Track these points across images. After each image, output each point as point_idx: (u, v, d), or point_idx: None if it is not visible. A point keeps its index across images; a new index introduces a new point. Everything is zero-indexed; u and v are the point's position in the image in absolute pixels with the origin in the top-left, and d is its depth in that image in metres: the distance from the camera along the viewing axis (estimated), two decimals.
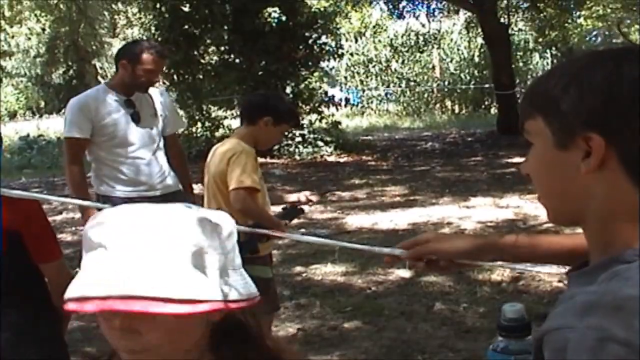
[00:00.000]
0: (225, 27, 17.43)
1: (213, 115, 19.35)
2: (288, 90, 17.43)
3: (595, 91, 1.22)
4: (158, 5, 18.11)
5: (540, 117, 1.30)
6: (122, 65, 4.95)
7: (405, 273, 6.99)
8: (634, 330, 1.06)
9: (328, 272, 7.20)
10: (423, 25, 32.82)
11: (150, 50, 4.98)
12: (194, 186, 5.65)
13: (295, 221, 9.71)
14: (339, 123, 18.69)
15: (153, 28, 19.18)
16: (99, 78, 34.60)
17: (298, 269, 7.37)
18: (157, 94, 5.30)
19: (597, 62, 1.26)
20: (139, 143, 5.06)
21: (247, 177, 4.28)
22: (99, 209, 4.71)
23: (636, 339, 1.06)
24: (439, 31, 32.44)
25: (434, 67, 32.77)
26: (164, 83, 32.51)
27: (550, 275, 6.62)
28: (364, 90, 32.83)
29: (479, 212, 9.64)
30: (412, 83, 31.76)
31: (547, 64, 29.67)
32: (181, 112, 19.79)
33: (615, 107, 1.22)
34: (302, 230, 9.26)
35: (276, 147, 17.11)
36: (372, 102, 32.52)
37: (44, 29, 36.61)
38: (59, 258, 3.05)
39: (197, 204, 5.28)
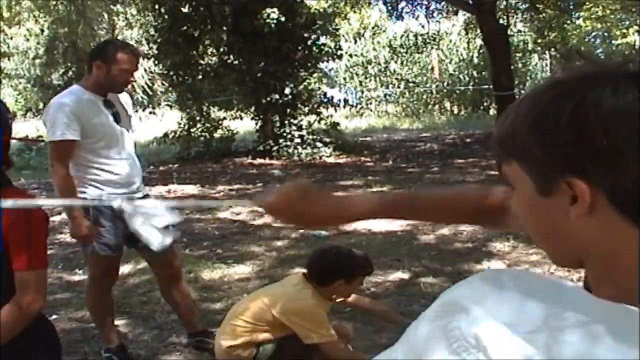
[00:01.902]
0: (225, 28, 17.43)
1: (212, 116, 19.36)
2: (287, 91, 17.45)
3: (565, 131, 1.11)
4: (157, 7, 18.15)
5: (516, 163, 1.21)
6: (97, 66, 4.84)
7: (404, 274, 6.99)
8: None
9: None
10: (422, 26, 32.86)
11: (125, 50, 4.92)
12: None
13: None
14: (338, 124, 18.70)
15: (152, 29, 19.21)
16: None
17: (297, 269, 7.34)
18: (123, 94, 5.22)
19: (561, 95, 1.14)
20: (124, 143, 5.04)
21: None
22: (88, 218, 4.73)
23: None
24: (437, 32, 32.46)
25: (432, 68, 32.83)
26: (162, 84, 32.66)
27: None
28: (362, 92, 32.85)
29: None
30: (411, 84, 31.82)
31: (546, 65, 29.73)
32: (181, 113, 19.87)
33: (590, 146, 1.11)
34: (301, 231, 9.27)
35: (275, 147, 17.12)
36: (371, 103, 32.56)
37: (42, 30, 36.56)
38: (25, 269, 2.88)
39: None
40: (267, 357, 4.64)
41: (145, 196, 5.23)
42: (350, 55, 32.02)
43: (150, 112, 25.48)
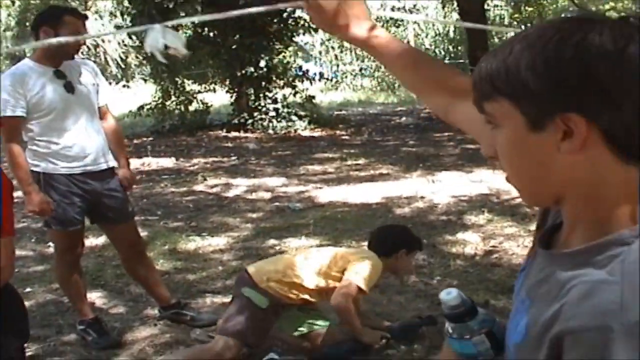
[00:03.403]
0: (199, 0, 17.29)
1: (187, 89, 19.26)
2: (262, 64, 17.36)
3: (568, 68, 1.16)
4: None
5: (505, 100, 1.23)
6: (44, 32, 4.63)
7: None
8: None
9: (302, 245, 7.18)
10: (399, 0, 32.76)
11: (72, 13, 4.79)
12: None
13: (268, 194, 9.75)
14: (313, 97, 18.66)
15: (126, 1, 19.02)
16: None
17: (272, 242, 7.35)
18: (83, 63, 5.10)
19: (563, 34, 1.18)
20: (77, 115, 4.88)
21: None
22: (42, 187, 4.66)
23: None
24: (414, 6, 32.40)
25: (409, 42, 32.75)
26: (136, 57, 32.44)
27: (525, 248, 6.66)
28: (338, 65, 32.78)
29: (451, 187, 9.65)
30: None
31: None
32: (155, 87, 19.75)
33: (592, 83, 1.16)
34: (276, 204, 9.26)
35: (250, 121, 17.06)
36: (346, 77, 32.50)
37: (13, 2, 36.18)
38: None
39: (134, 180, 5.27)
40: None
41: (111, 169, 5.11)
42: None
43: (124, 86, 25.27)
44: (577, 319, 1.13)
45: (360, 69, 32.84)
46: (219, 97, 20.38)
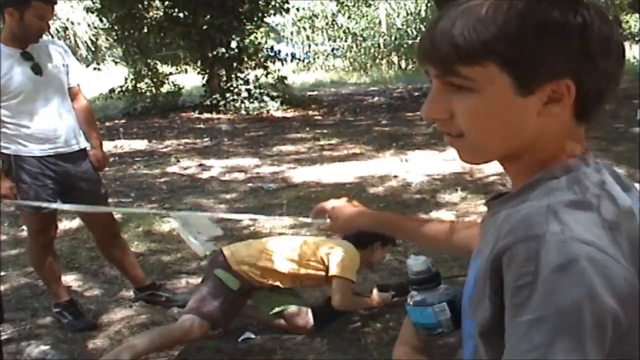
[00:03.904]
0: None
1: (159, 70, 19.16)
2: (233, 44, 17.31)
3: (569, 36, 1.21)
4: None
5: (494, 65, 1.24)
6: (10, 14, 4.59)
7: None
8: (591, 231, 1.17)
9: (276, 225, 7.19)
10: None
11: None
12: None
13: (242, 175, 9.73)
14: (285, 78, 18.62)
15: None
16: None
17: (246, 222, 7.35)
18: (52, 43, 5.04)
19: (559, 4, 1.22)
20: (47, 96, 4.83)
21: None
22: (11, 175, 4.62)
23: (594, 237, 1.17)
24: None
25: (380, 22, 32.73)
26: (107, 39, 32.20)
27: None
28: (310, 46, 32.70)
29: (425, 166, 9.68)
30: (358, 38, 31.69)
31: None
32: (127, 69, 19.62)
33: (589, 51, 1.23)
34: (250, 184, 9.26)
35: (222, 101, 17.01)
36: (318, 57, 32.43)
37: None
38: None
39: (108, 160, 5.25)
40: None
41: (83, 150, 5.08)
42: (297, 9, 31.82)
43: (94, 69, 25.06)
44: (510, 235, 1.21)
45: (332, 50, 32.78)
46: (190, 79, 20.29)
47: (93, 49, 37.01)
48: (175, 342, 4.34)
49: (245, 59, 18.00)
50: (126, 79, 18.93)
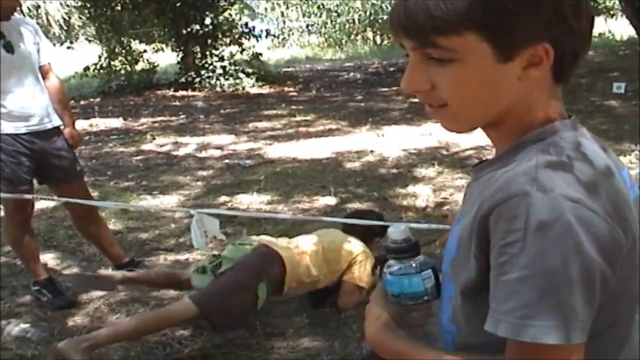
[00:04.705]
0: None
1: (133, 48, 19.04)
2: (207, 21, 17.21)
3: (543, 0, 1.25)
4: None
5: (473, 34, 1.26)
6: None
7: (330, 200, 7.04)
8: (577, 190, 1.21)
9: (253, 201, 7.20)
10: None
11: None
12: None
13: (218, 152, 9.72)
14: (260, 54, 18.56)
15: None
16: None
17: (223, 198, 7.36)
18: (23, 22, 4.99)
19: None
20: (19, 75, 4.79)
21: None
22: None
23: (580, 195, 1.20)
24: None
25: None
26: (80, 18, 31.90)
27: None
28: (285, 22, 32.59)
29: (401, 140, 9.70)
30: (333, 14, 31.61)
31: None
32: (100, 47, 19.49)
33: (563, 13, 1.26)
34: (226, 161, 9.25)
35: (197, 79, 16.95)
36: (293, 34, 32.34)
37: None
38: None
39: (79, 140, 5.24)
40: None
41: (57, 128, 5.06)
42: None
43: (68, 47, 24.86)
44: (498, 194, 1.24)
45: (307, 26, 32.70)
46: (165, 56, 20.19)
47: (66, 27, 36.67)
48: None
49: (220, 35, 17.92)
50: (100, 57, 18.80)
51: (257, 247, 4.46)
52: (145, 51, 19.34)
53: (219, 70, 17.27)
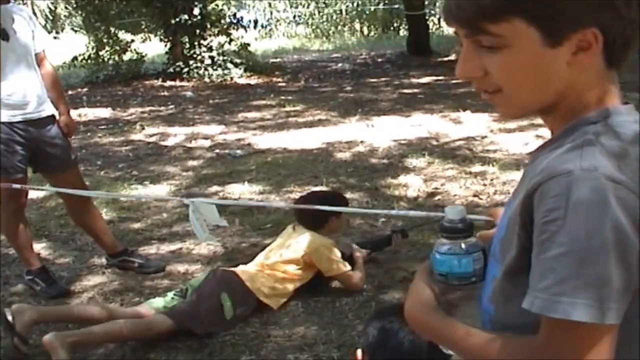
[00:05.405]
0: None
1: (121, 38, 18.94)
2: (196, 11, 17.14)
3: None
4: None
5: (520, 19, 1.29)
6: None
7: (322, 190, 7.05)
8: (624, 173, 1.22)
9: (245, 191, 7.20)
10: None
11: None
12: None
13: (207, 142, 9.70)
14: (249, 45, 18.50)
15: None
16: None
17: (215, 188, 7.36)
18: (18, 9, 5.00)
19: None
20: (14, 63, 4.80)
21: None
22: None
23: (625, 177, 1.22)
24: None
25: None
26: (66, 8, 31.77)
27: (466, 189, 6.77)
28: (272, 13, 32.52)
29: (391, 131, 9.70)
30: (320, 4, 31.55)
31: None
32: (88, 37, 19.38)
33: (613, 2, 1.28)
34: (216, 151, 9.23)
35: (185, 69, 16.89)
36: (280, 24, 32.27)
37: None
38: None
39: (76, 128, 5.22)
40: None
41: (51, 116, 5.06)
42: None
43: (54, 37, 24.72)
44: (543, 173, 1.25)
45: (294, 16, 32.63)
46: (153, 46, 20.11)
47: (51, 17, 36.51)
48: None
49: (208, 26, 17.84)
50: (87, 47, 18.70)
51: (214, 271, 4.71)
52: (133, 41, 19.23)
53: (208, 61, 17.18)
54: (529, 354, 1.27)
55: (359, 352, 2.29)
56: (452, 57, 18.04)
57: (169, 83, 16.49)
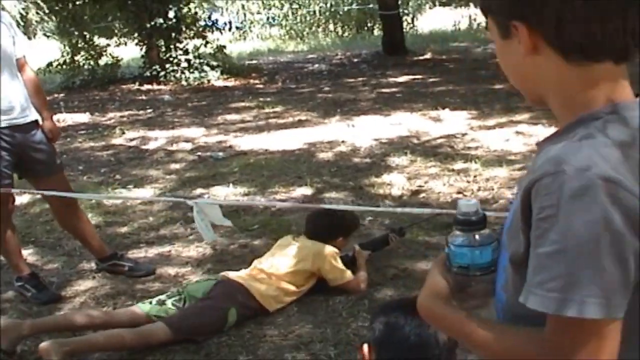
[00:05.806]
0: None
1: (96, 43, 18.85)
2: (171, 14, 17.10)
3: None
4: None
5: (490, 15, 1.42)
6: None
7: (307, 190, 7.07)
8: (619, 171, 1.23)
9: (230, 192, 7.21)
10: None
11: None
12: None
13: (188, 145, 9.69)
14: (224, 47, 18.48)
15: None
16: None
17: (199, 190, 7.36)
18: None
19: None
20: None
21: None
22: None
23: (620, 176, 1.22)
24: None
25: None
26: (37, 13, 31.56)
27: (450, 186, 6.81)
28: (245, 15, 32.46)
29: (372, 130, 9.72)
30: (294, 6, 31.54)
31: None
32: (61, 42, 19.26)
33: None
34: (198, 154, 9.23)
35: (162, 72, 16.84)
36: (254, 26, 32.22)
37: None
38: None
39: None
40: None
41: (35, 122, 5.06)
42: None
43: None
44: (540, 169, 1.28)
45: (268, 18, 32.59)
46: (128, 50, 20.04)
47: (23, 23, 36.25)
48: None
49: (184, 28, 17.81)
50: (62, 53, 18.61)
51: (219, 280, 4.64)
52: (108, 45, 19.14)
53: (184, 64, 17.14)
54: (539, 352, 1.29)
55: (365, 347, 2.31)
56: (428, 55, 18.17)
57: (146, 87, 16.44)
